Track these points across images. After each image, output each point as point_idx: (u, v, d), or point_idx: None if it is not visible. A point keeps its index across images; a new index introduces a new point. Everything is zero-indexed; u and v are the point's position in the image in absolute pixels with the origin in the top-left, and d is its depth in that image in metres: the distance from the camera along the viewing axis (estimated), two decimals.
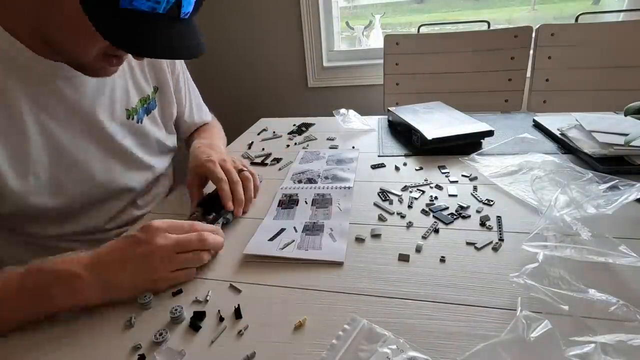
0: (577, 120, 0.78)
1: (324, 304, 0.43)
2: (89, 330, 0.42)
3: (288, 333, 0.40)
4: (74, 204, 0.61)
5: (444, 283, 0.45)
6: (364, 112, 1.04)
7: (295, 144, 0.92)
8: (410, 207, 0.61)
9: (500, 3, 1.86)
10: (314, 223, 0.58)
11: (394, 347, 0.36)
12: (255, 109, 1.63)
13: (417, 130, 0.81)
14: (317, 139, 0.94)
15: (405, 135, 0.88)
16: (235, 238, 0.57)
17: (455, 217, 0.57)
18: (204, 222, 0.56)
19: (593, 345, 0.33)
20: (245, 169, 0.66)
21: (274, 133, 1.00)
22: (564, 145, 0.77)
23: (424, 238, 0.53)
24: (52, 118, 0.55)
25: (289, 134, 0.98)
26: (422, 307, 0.42)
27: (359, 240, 0.54)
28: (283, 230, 0.57)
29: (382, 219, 0.58)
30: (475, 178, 0.68)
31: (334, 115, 1.00)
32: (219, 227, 0.57)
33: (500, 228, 0.54)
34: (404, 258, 0.50)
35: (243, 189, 0.63)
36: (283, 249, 0.53)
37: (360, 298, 0.44)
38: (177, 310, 0.43)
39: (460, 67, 1.42)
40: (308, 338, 0.39)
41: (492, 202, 0.60)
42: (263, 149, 0.90)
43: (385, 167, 0.76)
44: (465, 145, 0.79)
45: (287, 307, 0.44)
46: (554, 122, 0.84)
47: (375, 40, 1.91)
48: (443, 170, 0.72)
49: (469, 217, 0.57)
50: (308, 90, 1.97)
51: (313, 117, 1.09)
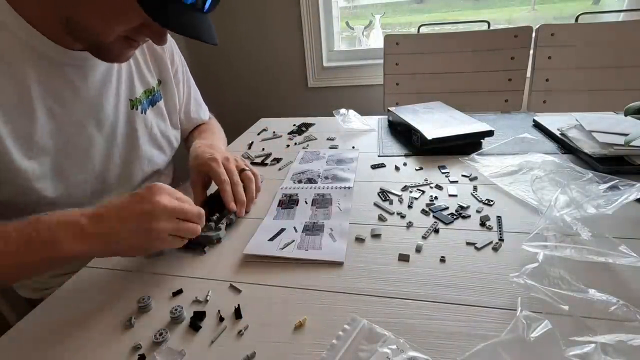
0: (577, 120, 0.78)
1: (324, 304, 0.43)
2: (90, 331, 0.42)
3: (288, 333, 0.40)
4: (74, 193, 0.61)
5: (444, 283, 0.45)
6: (364, 112, 1.04)
7: (295, 144, 0.92)
8: (410, 207, 0.61)
9: (500, 3, 1.86)
10: (314, 223, 0.58)
11: (394, 347, 0.36)
12: (255, 109, 1.63)
13: (417, 130, 0.81)
14: (317, 139, 0.94)
15: (405, 135, 0.88)
16: (236, 238, 0.57)
17: (455, 217, 0.57)
18: (208, 222, 0.56)
19: (593, 345, 0.33)
20: (248, 169, 0.66)
21: (274, 133, 1.00)
22: (564, 145, 0.77)
23: (424, 238, 0.53)
24: (59, 104, 0.56)
25: (289, 134, 0.98)
26: (422, 307, 0.42)
27: (359, 240, 0.54)
28: (283, 230, 0.57)
29: (382, 219, 0.58)
30: (475, 178, 0.68)
31: (334, 115, 1.00)
32: (224, 227, 0.57)
33: (500, 228, 0.54)
34: (404, 258, 0.50)
35: (244, 189, 0.63)
36: (283, 249, 0.53)
37: (360, 298, 0.44)
38: (177, 310, 0.43)
39: (460, 67, 1.42)
40: (308, 338, 0.39)
41: (492, 202, 0.60)
42: (263, 149, 0.90)
43: (385, 167, 0.76)
44: (465, 145, 0.79)
45: (287, 307, 0.44)
46: (554, 122, 0.84)
47: (375, 40, 1.91)
48: (443, 170, 0.72)
49: (469, 217, 0.57)
50: (308, 90, 1.97)
51: (313, 117, 1.09)
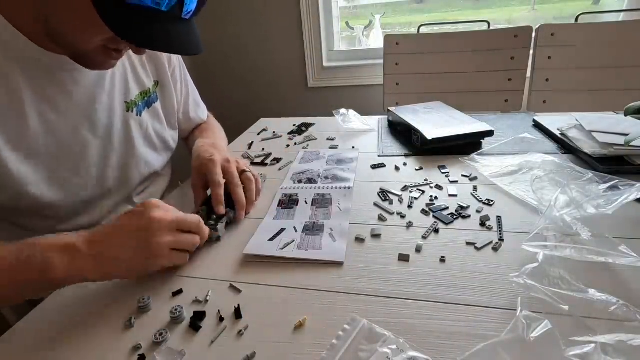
0: (577, 120, 0.78)
1: (324, 304, 0.43)
2: (89, 330, 0.42)
3: (288, 333, 0.40)
4: (69, 198, 0.61)
5: (444, 283, 0.45)
6: (364, 112, 1.04)
7: (295, 144, 0.92)
8: (410, 207, 0.61)
9: (500, 3, 1.85)
10: (314, 223, 0.58)
11: (394, 347, 0.36)
12: (255, 109, 1.63)
13: (417, 130, 0.81)
14: (317, 139, 0.93)
15: (405, 135, 0.88)
16: (236, 238, 0.57)
17: (455, 217, 0.57)
18: (208, 221, 0.56)
19: (593, 345, 0.33)
20: (248, 171, 0.66)
21: (274, 133, 1.00)
22: (564, 145, 0.77)
23: (424, 238, 0.53)
24: (52, 108, 0.56)
25: (289, 134, 0.98)
26: (422, 307, 0.42)
27: (359, 240, 0.54)
28: (283, 230, 0.57)
29: (382, 219, 0.58)
30: (475, 178, 0.68)
31: (334, 115, 1.00)
32: (223, 226, 0.57)
33: (500, 228, 0.54)
34: (404, 258, 0.49)
35: (245, 191, 0.63)
36: (283, 249, 0.53)
37: (360, 298, 0.44)
38: (177, 310, 0.43)
39: (460, 67, 1.42)
40: (308, 338, 0.39)
41: (492, 202, 0.60)
42: (263, 149, 0.90)
43: (385, 167, 0.76)
44: (465, 145, 0.79)
45: (287, 307, 0.44)
46: (554, 122, 0.84)
47: (375, 40, 1.91)
48: (443, 170, 0.72)
49: (469, 217, 0.57)
50: (308, 90, 1.97)
51: (313, 117, 1.09)
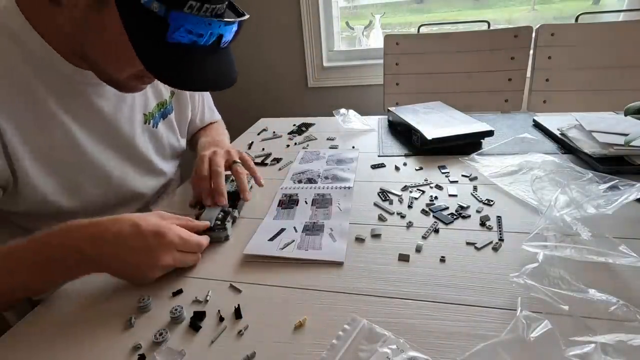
0: (577, 120, 0.78)
1: (324, 304, 0.43)
2: (89, 331, 0.42)
3: (288, 333, 0.40)
4: (88, 207, 0.61)
5: (444, 283, 0.45)
6: (364, 112, 1.04)
7: (295, 144, 0.92)
8: (410, 207, 0.61)
9: (500, 3, 1.86)
10: (314, 223, 0.58)
11: (394, 347, 0.36)
12: (255, 109, 1.63)
13: (417, 130, 0.81)
14: (317, 139, 0.93)
15: (405, 135, 0.88)
16: (235, 238, 0.57)
17: (455, 217, 0.57)
18: (215, 221, 0.57)
19: (593, 345, 0.33)
20: (239, 162, 0.67)
21: (274, 133, 1.00)
22: (564, 145, 0.77)
23: (424, 238, 0.53)
24: (75, 120, 0.56)
25: (289, 134, 0.98)
26: (422, 307, 0.42)
27: (359, 240, 0.54)
28: (283, 230, 0.57)
29: (382, 219, 0.58)
30: (475, 178, 0.68)
31: (334, 115, 1.00)
32: (230, 225, 0.58)
33: (500, 228, 0.54)
34: (404, 258, 0.49)
35: (238, 182, 0.65)
36: (283, 249, 0.53)
37: (360, 298, 0.44)
38: (177, 310, 0.43)
39: (460, 67, 1.42)
40: (308, 338, 0.39)
41: (492, 202, 0.60)
42: (263, 149, 0.90)
43: (385, 167, 0.76)
44: (465, 145, 0.79)
45: (287, 307, 0.44)
46: (554, 122, 0.84)
47: (375, 40, 1.91)
48: (443, 170, 0.72)
49: (469, 217, 0.57)
50: (308, 90, 1.97)
51: (313, 117, 1.09)
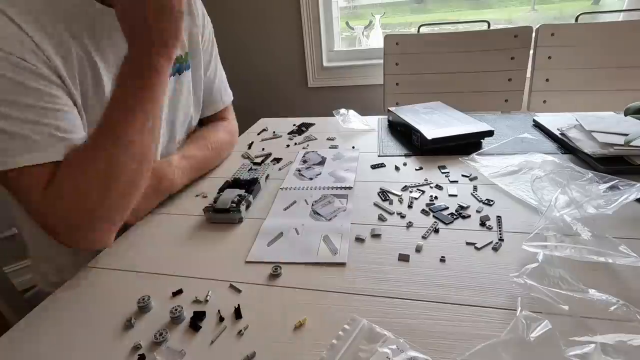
0: (577, 120, 0.78)
1: (324, 304, 0.43)
2: (89, 331, 0.43)
3: (288, 333, 0.40)
4: None
5: (444, 283, 0.45)
6: (364, 112, 1.04)
7: (295, 144, 0.92)
8: (410, 207, 0.61)
9: (500, 3, 1.86)
10: (315, 223, 0.58)
11: (394, 347, 0.36)
12: (255, 109, 1.63)
13: (417, 130, 0.81)
14: (317, 139, 0.94)
15: (405, 135, 0.88)
16: (235, 238, 0.57)
17: (455, 217, 0.57)
18: (231, 203, 0.60)
19: (593, 345, 0.33)
20: None
21: (274, 133, 1.00)
22: (564, 145, 0.77)
23: (424, 238, 0.53)
24: (103, 61, 0.58)
25: (289, 134, 0.98)
26: (422, 307, 0.42)
27: (359, 240, 0.54)
28: (283, 232, 0.57)
29: (382, 219, 0.58)
30: (475, 178, 0.68)
31: (334, 115, 1.00)
32: (244, 208, 0.61)
33: (500, 228, 0.54)
34: (404, 258, 0.50)
35: None
36: (284, 253, 0.53)
37: (360, 298, 0.44)
38: (177, 310, 0.43)
39: (460, 67, 1.42)
40: (308, 338, 0.39)
41: (492, 202, 0.60)
42: (263, 149, 0.90)
43: (385, 167, 0.76)
44: (465, 145, 0.79)
45: (287, 307, 0.44)
46: (554, 122, 0.84)
47: (375, 40, 1.91)
48: (443, 170, 0.72)
49: (469, 217, 0.57)
50: (308, 90, 1.97)
51: (313, 117, 1.09)
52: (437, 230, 0.55)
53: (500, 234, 0.53)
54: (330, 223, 0.58)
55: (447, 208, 0.60)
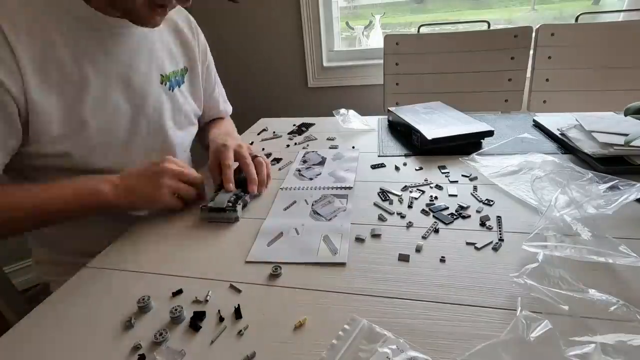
0: (577, 120, 0.78)
1: (324, 304, 0.43)
2: (89, 330, 0.43)
3: (288, 333, 0.40)
4: (90, 159, 0.63)
5: (444, 283, 0.45)
6: (364, 112, 1.04)
7: (295, 144, 0.92)
8: (410, 207, 0.61)
9: (500, 3, 1.86)
10: (315, 223, 0.58)
11: (394, 347, 0.36)
12: (255, 109, 1.63)
13: (417, 130, 0.81)
14: (317, 139, 0.94)
15: (405, 135, 0.88)
16: (235, 237, 0.57)
17: (455, 217, 0.57)
18: (227, 202, 0.61)
19: (593, 345, 0.33)
20: (260, 156, 0.71)
21: (274, 133, 1.00)
22: (564, 145, 0.77)
23: (424, 238, 0.53)
24: (90, 63, 0.60)
25: (289, 134, 0.98)
26: (422, 307, 0.42)
27: (359, 240, 0.54)
28: (283, 233, 0.57)
29: (382, 219, 0.58)
30: (475, 178, 0.68)
31: (334, 115, 1.00)
32: (240, 207, 0.62)
33: (500, 228, 0.54)
34: (404, 258, 0.50)
35: (257, 173, 0.68)
36: (284, 253, 0.53)
37: (360, 298, 0.44)
38: (177, 310, 0.43)
39: (460, 67, 1.42)
40: (308, 338, 0.39)
41: (492, 202, 0.60)
42: (263, 149, 0.90)
43: (385, 167, 0.76)
44: (465, 145, 0.79)
45: (287, 307, 0.44)
46: (554, 122, 0.84)
47: (375, 40, 1.91)
48: (443, 170, 0.72)
49: (469, 217, 0.57)
50: (308, 90, 1.97)
51: (313, 117, 1.09)
52: (437, 230, 0.55)
53: (500, 234, 0.53)
54: (330, 223, 0.58)
55: (447, 208, 0.59)
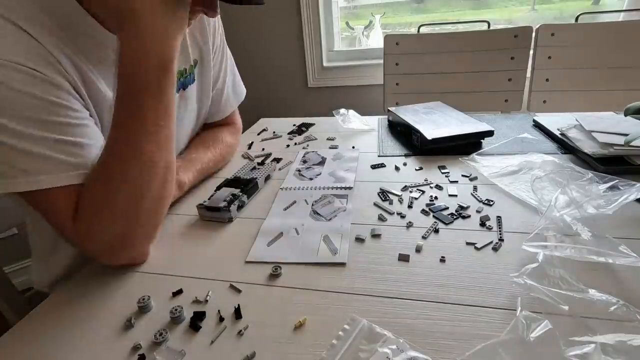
0: (577, 120, 0.78)
1: (324, 304, 0.43)
2: (89, 330, 0.43)
3: (288, 333, 0.40)
4: None
5: (444, 283, 0.45)
6: (364, 112, 1.04)
7: (295, 144, 0.92)
8: (410, 207, 0.61)
9: (500, 3, 1.86)
10: (315, 223, 0.58)
11: (394, 347, 0.36)
12: (255, 109, 1.63)
13: (417, 130, 0.81)
14: (317, 139, 0.94)
15: (405, 135, 0.88)
16: (235, 238, 0.57)
17: (455, 217, 0.57)
18: (222, 201, 0.60)
19: (593, 345, 0.33)
20: None
21: (274, 133, 1.00)
22: (564, 145, 0.77)
23: (424, 238, 0.53)
24: (101, 74, 0.54)
25: (289, 134, 0.98)
26: (422, 307, 0.42)
27: (359, 240, 0.54)
28: (283, 233, 0.57)
29: (382, 219, 0.58)
30: (475, 178, 0.68)
31: (334, 115, 1.00)
32: (235, 208, 0.61)
33: (500, 228, 0.54)
34: (404, 258, 0.50)
35: None
36: (284, 252, 0.53)
37: (360, 298, 0.44)
38: (177, 310, 0.43)
39: (460, 67, 1.42)
40: (308, 338, 0.39)
41: (492, 202, 0.60)
42: (263, 149, 0.90)
43: (385, 167, 0.76)
44: (465, 145, 0.79)
45: (287, 307, 0.44)
46: (554, 122, 0.84)
47: (375, 40, 1.91)
48: (443, 170, 0.72)
49: (469, 217, 0.57)
50: (308, 90, 1.97)
51: (313, 117, 1.09)
52: (437, 230, 0.55)
53: (500, 234, 0.53)
54: (330, 223, 0.58)
55: (447, 208, 0.59)
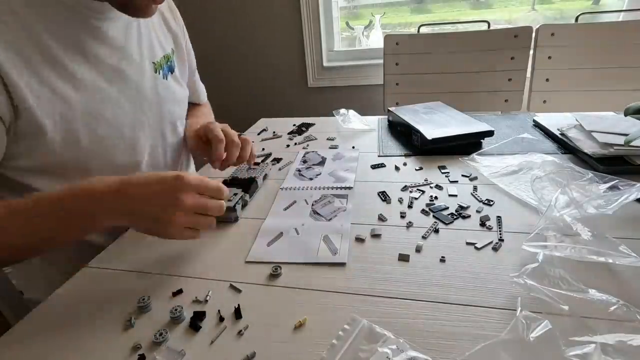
0: (577, 120, 0.78)
1: (324, 304, 0.43)
2: (89, 330, 0.42)
3: (288, 333, 0.40)
4: (106, 163, 0.61)
5: (444, 283, 0.45)
6: (364, 112, 1.04)
7: (295, 144, 0.92)
8: (410, 207, 0.61)
9: (500, 3, 1.86)
10: (315, 223, 0.58)
11: (394, 347, 0.36)
12: (255, 109, 1.63)
13: (417, 130, 0.81)
14: (317, 139, 0.94)
15: (405, 135, 0.88)
16: (235, 237, 0.57)
17: (455, 217, 0.57)
18: (229, 202, 0.60)
19: (593, 345, 0.33)
20: (244, 136, 0.70)
21: (274, 133, 1.00)
22: (564, 145, 0.77)
23: (424, 238, 0.53)
24: (82, 61, 0.55)
25: (289, 134, 0.98)
26: (422, 307, 0.42)
27: (359, 240, 0.54)
28: (283, 233, 0.57)
29: (382, 219, 0.58)
30: (475, 178, 0.68)
31: (334, 115, 1.00)
32: (239, 207, 0.62)
33: (500, 228, 0.54)
34: (404, 258, 0.50)
35: (242, 150, 0.66)
36: (284, 252, 0.53)
37: (360, 298, 0.44)
38: (177, 310, 0.43)
39: (460, 67, 1.42)
40: (308, 338, 0.39)
41: (492, 202, 0.60)
42: (263, 149, 0.90)
43: (385, 167, 0.76)
44: (466, 145, 0.79)
45: (287, 307, 0.44)
46: (554, 122, 0.84)
47: (375, 40, 1.91)
48: (443, 170, 0.72)
49: (469, 217, 0.57)
50: (308, 90, 1.97)
51: (313, 117, 1.09)
52: (437, 230, 0.55)
53: (500, 234, 0.53)
54: (330, 223, 0.58)
55: (447, 208, 0.59)
